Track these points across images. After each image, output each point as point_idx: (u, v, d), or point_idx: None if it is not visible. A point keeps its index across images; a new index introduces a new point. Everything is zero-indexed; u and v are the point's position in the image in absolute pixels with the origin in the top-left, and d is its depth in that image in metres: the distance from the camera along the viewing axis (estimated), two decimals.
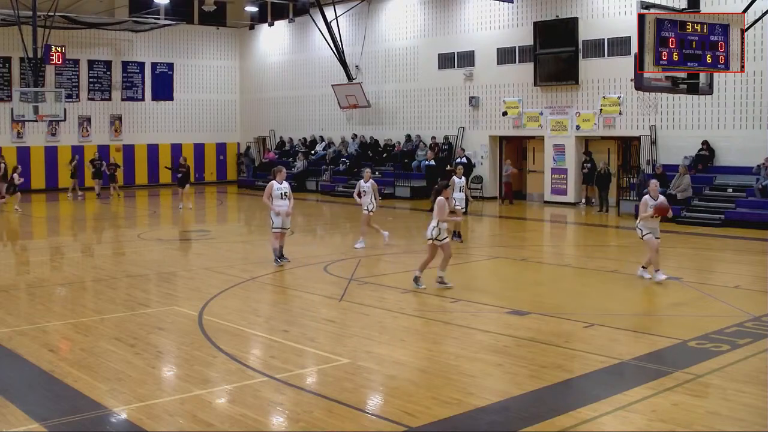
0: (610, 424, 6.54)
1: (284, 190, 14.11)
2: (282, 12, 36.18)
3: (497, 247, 17.31)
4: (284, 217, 14.03)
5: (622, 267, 14.17)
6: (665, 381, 7.58)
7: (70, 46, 32.88)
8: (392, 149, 30.25)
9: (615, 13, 23.75)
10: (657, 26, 10.13)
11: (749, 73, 20.13)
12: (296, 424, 6.68)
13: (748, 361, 8.31)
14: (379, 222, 22.20)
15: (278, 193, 14.03)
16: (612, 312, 10.61)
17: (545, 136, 25.88)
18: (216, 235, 19.19)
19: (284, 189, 14.12)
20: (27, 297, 12.25)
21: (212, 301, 11.36)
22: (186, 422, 6.61)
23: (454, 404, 7.00)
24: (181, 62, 36.88)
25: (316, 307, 11.38)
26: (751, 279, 12.18)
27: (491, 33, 27.17)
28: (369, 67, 31.45)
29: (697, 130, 22.12)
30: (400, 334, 9.52)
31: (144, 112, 36.00)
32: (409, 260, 15.57)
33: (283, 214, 13.98)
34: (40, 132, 32.94)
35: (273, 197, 14.03)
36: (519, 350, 8.71)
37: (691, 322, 10.11)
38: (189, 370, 8.15)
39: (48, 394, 7.45)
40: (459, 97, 28.30)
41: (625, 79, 22.55)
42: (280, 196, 14.02)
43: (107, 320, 10.32)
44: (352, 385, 7.61)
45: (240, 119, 38.97)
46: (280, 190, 14.06)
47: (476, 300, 11.51)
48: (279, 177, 14.14)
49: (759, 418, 6.62)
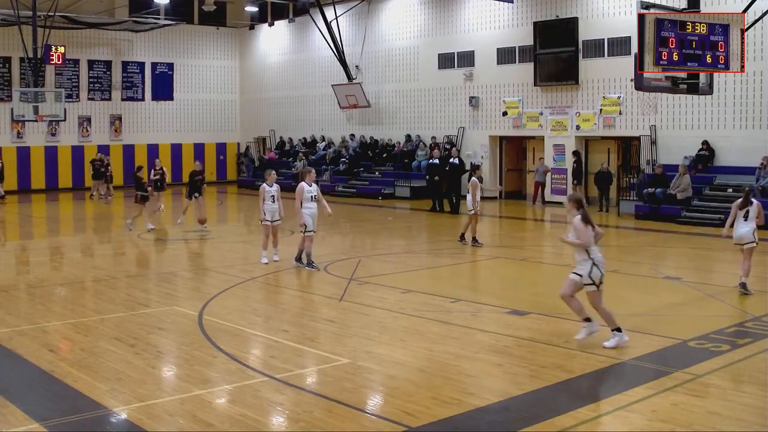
0: (610, 424, 6.54)
1: (314, 192, 13.82)
2: (282, 12, 36.19)
3: (497, 247, 17.31)
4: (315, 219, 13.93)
5: (622, 267, 14.16)
6: (665, 381, 7.58)
7: (70, 46, 32.88)
8: (392, 149, 30.26)
9: (615, 13, 23.75)
10: (657, 26, 10.13)
11: (749, 73, 20.13)
12: (296, 424, 6.68)
13: (748, 361, 8.31)
14: (379, 222, 22.23)
15: (309, 196, 13.71)
16: (612, 312, 10.59)
17: (545, 136, 25.88)
18: (216, 235, 19.19)
19: (314, 191, 13.82)
20: (27, 297, 12.25)
21: (212, 301, 11.36)
22: (186, 422, 6.61)
23: (454, 404, 7.00)
24: (181, 62, 36.88)
25: (316, 307, 11.39)
26: (751, 279, 12.16)
27: (491, 33, 27.17)
28: (369, 67, 31.45)
29: (697, 130, 22.12)
30: (400, 334, 9.52)
31: (144, 112, 36.00)
32: (409, 260, 15.58)
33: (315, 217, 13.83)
34: (40, 132, 32.94)
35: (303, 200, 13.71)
36: (519, 350, 8.71)
37: (691, 322, 10.12)
38: (189, 370, 8.15)
39: (48, 394, 7.45)
40: (459, 97, 28.30)
41: (625, 79, 22.55)
42: (310, 199, 13.75)
43: (107, 320, 10.32)
44: (352, 385, 7.61)
45: (240, 119, 38.97)
46: (311, 193, 13.75)
47: (476, 300, 11.52)
48: (309, 178, 13.86)
49: (759, 418, 6.62)
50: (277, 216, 14.52)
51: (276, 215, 14.49)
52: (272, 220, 14.48)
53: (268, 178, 14.47)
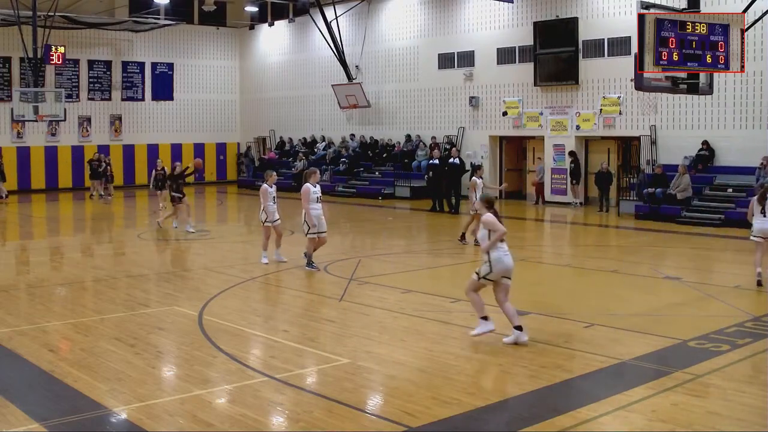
0: (610, 424, 6.54)
1: (319, 193, 13.83)
2: (282, 12, 36.19)
3: None
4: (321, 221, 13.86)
5: (622, 267, 14.16)
6: (665, 381, 7.58)
7: (70, 46, 32.88)
8: (392, 149, 30.26)
9: (615, 13, 23.75)
10: (657, 26, 10.13)
11: (749, 73, 20.13)
12: (296, 424, 6.68)
13: (748, 361, 8.32)
14: (379, 222, 22.22)
15: (315, 197, 13.65)
16: (612, 312, 10.62)
17: (545, 136, 25.88)
18: (216, 235, 19.19)
19: (319, 192, 13.82)
20: (27, 297, 12.25)
21: (212, 301, 11.36)
22: (186, 422, 6.61)
23: (454, 404, 7.00)
24: (181, 62, 36.88)
25: (316, 307, 11.39)
26: (751, 279, 12.17)
27: (491, 33, 27.17)
28: (369, 67, 31.45)
29: (697, 130, 22.12)
30: (400, 334, 9.52)
31: (144, 112, 36.00)
32: (409, 260, 15.58)
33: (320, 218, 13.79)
34: (40, 132, 32.93)
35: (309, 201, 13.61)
36: (519, 350, 8.71)
37: (691, 322, 10.11)
38: (189, 370, 8.15)
39: (48, 394, 7.45)
40: (459, 97, 28.30)
41: (625, 79, 22.55)
42: (316, 200, 13.69)
43: (107, 320, 10.32)
44: (352, 385, 7.61)
45: (240, 119, 38.97)
46: (316, 194, 13.71)
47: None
48: (313, 179, 13.79)
49: (759, 418, 6.62)
50: (277, 216, 14.53)
51: (276, 215, 14.50)
52: (273, 220, 14.50)
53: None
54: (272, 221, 14.49)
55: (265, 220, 14.49)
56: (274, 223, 14.51)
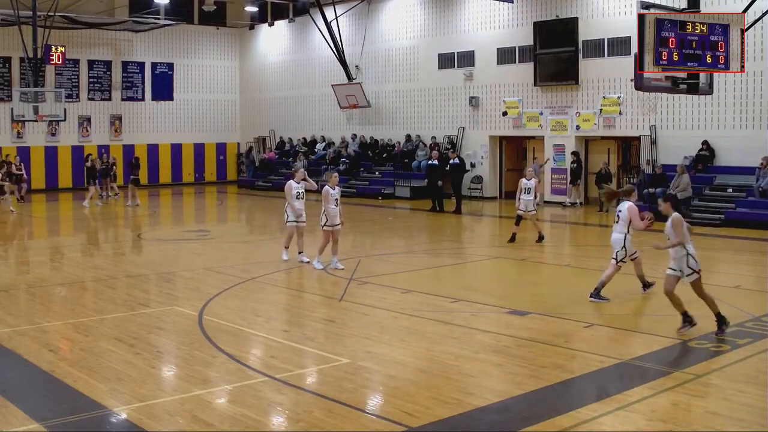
0: (610, 424, 6.54)
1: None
2: (282, 12, 36.19)
3: (497, 247, 17.31)
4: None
5: (622, 267, 14.13)
6: (665, 381, 7.58)
7: (70, 46, 32.86)
8: (392, 149, 30.25)
9: (615, 13, 23.75)
10: (657, 26, 10.12)
11: (749, 73, 20.13)
12: (296, 424, 6.68)
13: (748, 361, 8.31)
14: (379, 222, 22.21)
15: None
16: (612, 312, 10.62)
17: (545, 136, 25.88)
18: (216, 235, 19.19)
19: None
20: (27, 297, 12.25)
21: (212, 301, 11.36)
22: (186, 422, 6.61)
23: (454, 404, 7.00)
24: (181, 62, 36.87)
25: (316, 307, 11.39)
26: (751, 279, 12.18)
27: (491, 33, 27.17)
28: (369, 67, 31.44)
29: (697, 130, 22.12)
30: (400, 334, 9.52)
31: (144, 112, 35.99)
32: (409, 260, 15.58)
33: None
34: (40, 132, 32.93)
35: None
36: (519, 350, 8.71)
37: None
38: (189, 370, 8.15)
39: (48, 394, 7.44)
40: (459, 97, 28.30)
41: (625, 79, 22.54)
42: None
43: (107, 320, 10.32)
44: (352, 385, 7.61)
45: (240, 119, 38.96)
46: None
47: (476, 300, 11.50)
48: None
49: (759, 418, 6.62)
50: (339, 220, 13.92)
51: (337, 219, 13.87)
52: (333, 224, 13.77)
53: (331, 180, 13.74)
54: (332, 225, 13.71)
55: (325, 224, 13.74)
56: (335, 227, 13.77)
